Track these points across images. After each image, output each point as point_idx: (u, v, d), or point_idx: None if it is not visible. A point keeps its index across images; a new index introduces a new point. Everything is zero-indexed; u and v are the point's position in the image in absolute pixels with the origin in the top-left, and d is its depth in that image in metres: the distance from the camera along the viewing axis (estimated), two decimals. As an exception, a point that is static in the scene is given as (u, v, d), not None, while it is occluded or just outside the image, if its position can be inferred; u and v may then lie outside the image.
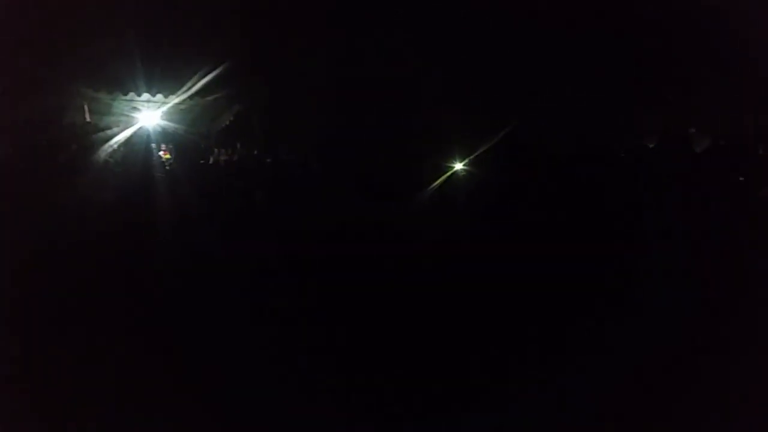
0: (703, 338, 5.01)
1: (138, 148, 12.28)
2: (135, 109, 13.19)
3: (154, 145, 13.32)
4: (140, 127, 12.79)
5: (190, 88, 12.33)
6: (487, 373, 4.51)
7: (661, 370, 4.56)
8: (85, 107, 12.36)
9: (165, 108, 13.32)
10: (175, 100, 12.67)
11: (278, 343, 4.79)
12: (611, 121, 14.61)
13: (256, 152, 15.87)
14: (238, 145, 17.12)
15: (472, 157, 12.73)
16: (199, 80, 12.27)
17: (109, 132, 14.10)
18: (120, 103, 13.15)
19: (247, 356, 4.55)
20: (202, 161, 14.65)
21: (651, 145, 13.21)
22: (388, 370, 4.59)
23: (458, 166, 12.85)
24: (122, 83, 12.25)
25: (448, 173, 12.58)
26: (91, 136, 13.55)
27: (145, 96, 12.46)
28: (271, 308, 5.61)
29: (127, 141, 12.72)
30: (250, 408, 3.85)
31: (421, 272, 6.88)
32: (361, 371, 4.55)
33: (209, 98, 13.23)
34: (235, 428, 3.67)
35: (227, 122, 15.40)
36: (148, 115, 13.31)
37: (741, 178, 10.16)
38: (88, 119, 12.56)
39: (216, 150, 17.06)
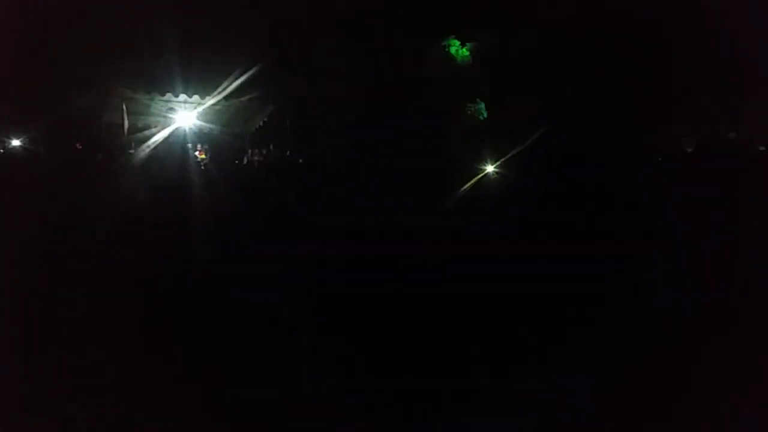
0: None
1: (174, 147, 12.49)
2: (172, 109, 13.43)
3: (189, 145, 13.55)
4: (177, 127, 13.01)
5: (225, 89, 12.49)
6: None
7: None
8: (124, 107, 12.62)
9: (201, 109, 13.53)
10: (210, 101, 12.84)
11: (311, 340, 4.83)
12: (647, 126, 14.43)
13: (288, 153, 16.03)
14: (271, 146, 17.31)
15: (504, 159, 12.68)
16: (233, 82, 12.43)
17: (146, 132, 14.42)
18: (157, 104, 13.40)
19: (286, 352, 4.58)
20: (236, 161, 14.86)
21: (689, 150, 13.00)
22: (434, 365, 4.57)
23: (490, 168, 12.81)
24: (160, 84, 12.47)
25: (480, 175, 12.54)
26: (129, 135, 13.86)
27: (182, 97, 12.65)
28: (303, 306, 5.65)
29: (164, 141, 12.97)
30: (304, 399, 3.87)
31: (452, 271, 6.87)
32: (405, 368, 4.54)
33: (244, 99, 13.38)
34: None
35: (261, 123, 15.57)
36: (185, 116, 13.53)
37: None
38: (126, 119, 12.83)
39: (249, 150, 17.29)
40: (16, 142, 15.02)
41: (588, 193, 9.99)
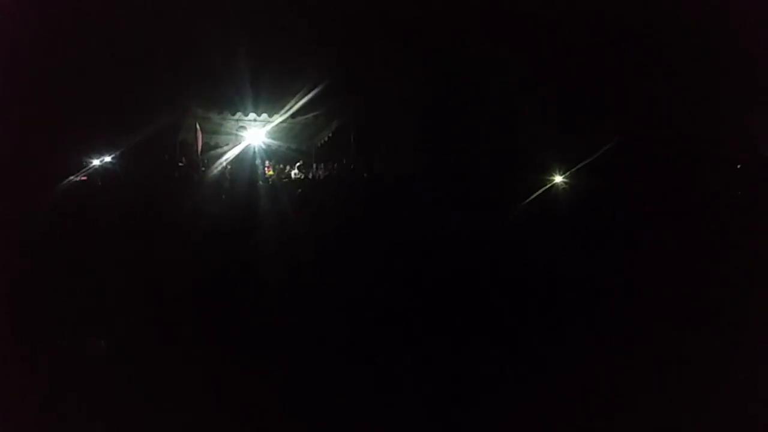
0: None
1: (245, 164, 12.90)
2: (242, 128, 13.90)
3: (258, 162, 13.97)
4: (247, 145, 13.45)
5: (292, 107, 12.83)
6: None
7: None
8: (197, 126, 13.17)
9: (269, 126, 13.95)
10: (278, 119, 13.23)
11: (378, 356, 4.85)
12: (726, 131, 13.80)
13: (352, 166, 16.24)
14: (336, 161, 17.59)
15: (573, 170, 12.40)
16: (300, 99, 12.75)
17: (218, 150, 14.98)
18: (228, 123, 13.91)
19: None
20: (302, 176, 15.17)
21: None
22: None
23: (558, 179, 12.57)
24: (231, 104, 12.94)
25: (548, 186, 12.31)
26: (203, 153, 14.43)
27: (251, 116, 13.09)
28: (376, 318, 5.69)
29: (235, 158, 13.42)
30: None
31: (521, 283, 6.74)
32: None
33: (309, 116, 13.70)
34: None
35: (326, 138, 15.88)
36: (254, 134, 13.98)
37: None
38: (199, 138, 13.37)
39: (315, 165, 17.64)
40: (103, 160, 15.94)
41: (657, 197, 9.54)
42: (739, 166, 12.29)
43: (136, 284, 6.22)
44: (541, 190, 12.16)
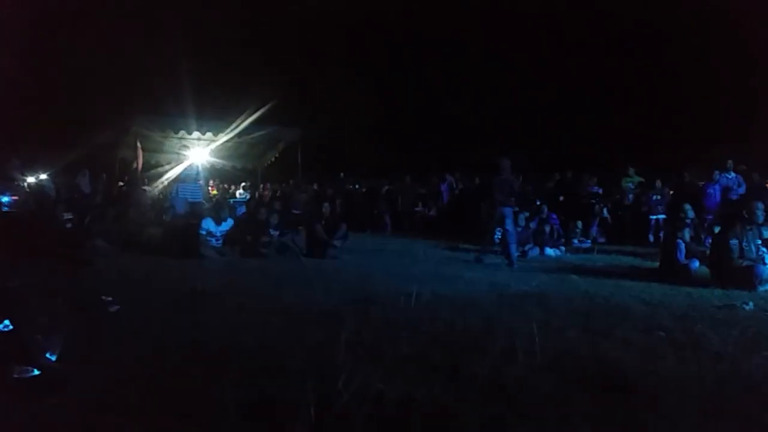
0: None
1: (187, 184, 12.61)
2: (185, 146, 13.61)
3: (202, 181, 13.68)
4: (190, 164, 13.16)
5: (238, 126, 12.62)
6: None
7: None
8: (138, 144, 12.79)
9: (214, 145, 13.70)
10: (223, 137, 13.00)
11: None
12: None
13: (297, 186, 16.17)
14: (284, 181, 17.45)
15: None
16: (247, 118, 12.55)
17: (160, 168, 14.61)
18: (171, 141, 13.60)
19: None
20: (247, 196, 14.97)
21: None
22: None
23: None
24: (174, 122, 12.65)
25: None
26: (143, 172, 14.04)
27: (195, 134, 12.81)
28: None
29: (177, 177, 13.11)
30: None
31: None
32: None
33: (256, 135, 13.53)
34: None
35: (273, 158, 15.73)
36: (198, 152, 13.70)
37: None
38: (140, 156, 12.99)
39: (261, 185, 17.45)
40: (42, 176, 15.50)
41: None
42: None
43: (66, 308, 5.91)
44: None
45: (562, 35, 20.76)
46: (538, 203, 12.22)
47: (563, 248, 10.58)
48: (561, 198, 13.25)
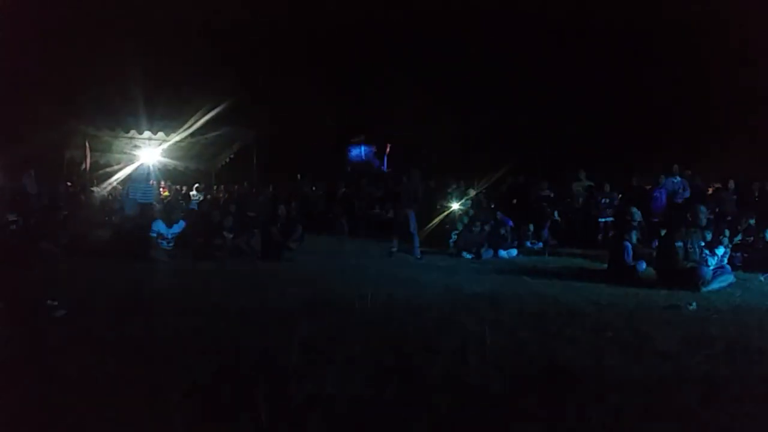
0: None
1: (137, 185, 12.26)
2: (136, 146, 13.25)
3: (153, 182, 13.34)
4: (140, 164, 12.80)
5: (191, 126, 12.35)
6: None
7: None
8: (86, 144, 12.38)
9: (165, 145, 13.38)
10: (175, 137, 12.71)
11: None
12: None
13: (254, 189, 15.96)
14: (238, 183, 17.20)
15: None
16: (200, 119, 12.30)
17: (108, 169, 14.18)
18: (121, 141, 13.22)
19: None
20: (200, 198, 14.67)
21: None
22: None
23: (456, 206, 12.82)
24: (124, 121, 12.31)
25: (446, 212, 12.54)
26: (92, 172, 13.60)
27: (146, 134, 12.49)
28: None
29: (127, 178, 12.75)
30: None
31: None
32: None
33: (210, 136, 13.29)
34: None
35: (228, 159, 15.48)
36: (149, 153, 13.35)
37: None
38: (88, 156, 12.57)
39: (215, 186, 17.14)
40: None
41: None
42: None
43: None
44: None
45: (511, 39, 21.13)
46: (492, 206, 12.45)
47: (516, 250, 10.74)
48: (514, 201, 13.50)
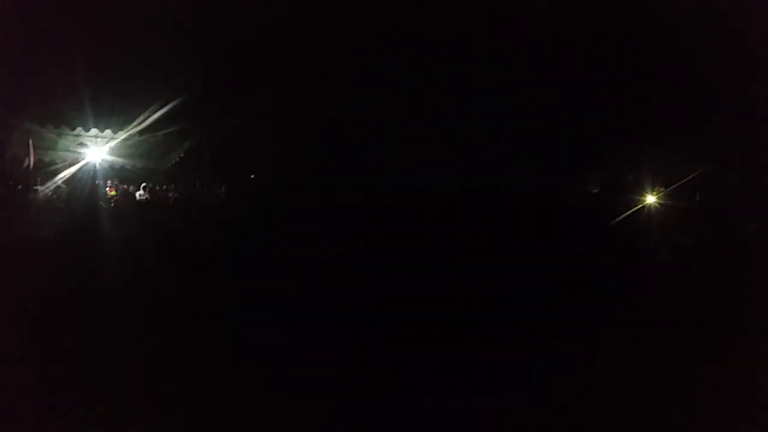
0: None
1: (83, 184, 12.05)
2: (82, 144, 13.01)
3: (100, 181, 13.11)
4: (86, 163, 12.58)
5: (139, 123, 12.23)
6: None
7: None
8: (30, 142, 12.10)
9: (113, 143, 13.17)
10: (123, 135, 12.55)
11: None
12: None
13: (205, 189, 15.83)
14: (187, 183, 17.01)
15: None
16: (148, 116, 12.19)
17: (53, 167, 13.85)
18: (66, 139, 12.95)
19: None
20: (147, 197, 14.46)
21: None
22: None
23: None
24: (69, 118, 12.08)
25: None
26: (35, 171, 13.26)
27: (93, 131, 12.29)
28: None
29: (73, 177, 12.50)
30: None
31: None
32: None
33: (159, 134, 13.15)
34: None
35: (178, 158, 15.31)
36: (96, 151, 13.12)
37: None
38: (32, 154, 12.28)
39: (165, 185, 16.90)
40: None
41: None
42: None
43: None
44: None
45: (466, 44, 21.41)
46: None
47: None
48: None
